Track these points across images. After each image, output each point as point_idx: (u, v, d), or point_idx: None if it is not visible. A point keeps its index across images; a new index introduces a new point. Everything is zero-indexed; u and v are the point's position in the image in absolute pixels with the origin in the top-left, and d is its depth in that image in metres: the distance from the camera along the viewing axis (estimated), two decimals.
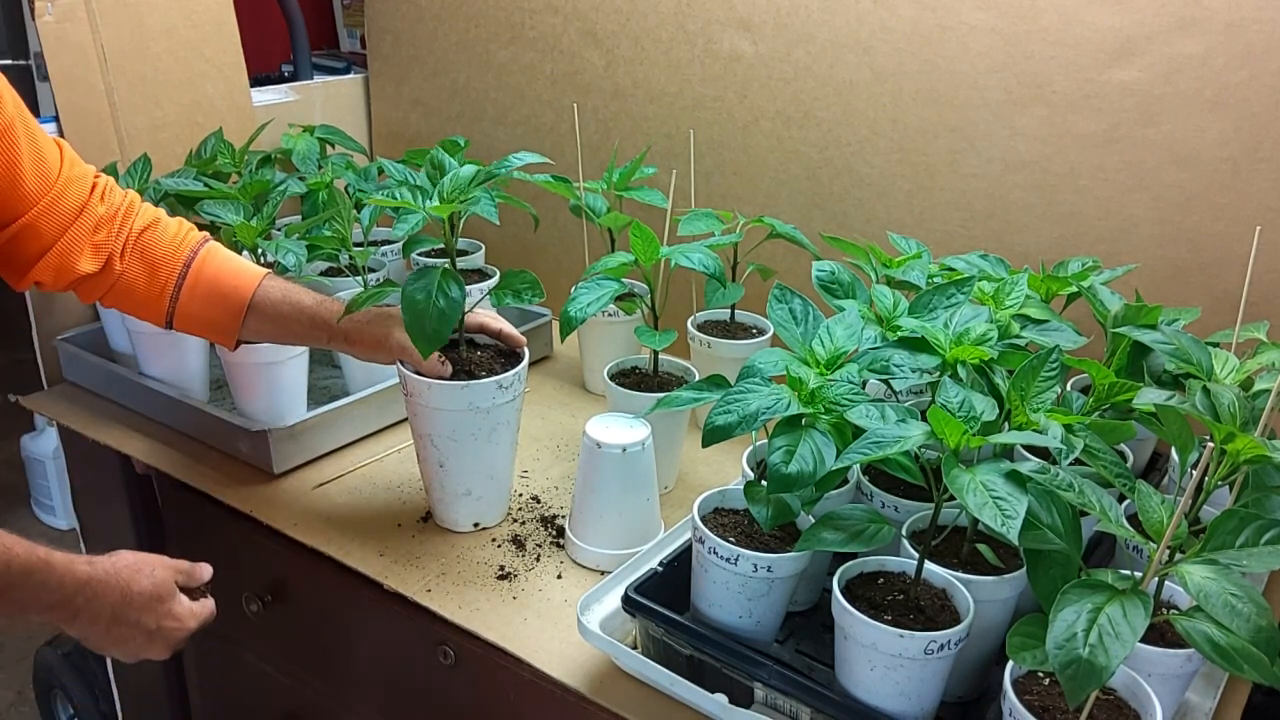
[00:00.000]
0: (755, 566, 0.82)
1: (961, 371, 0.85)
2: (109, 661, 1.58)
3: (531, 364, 1.47)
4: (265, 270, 1.08)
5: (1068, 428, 0.80)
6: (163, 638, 0.92)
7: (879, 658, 0.75)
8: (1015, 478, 0.72)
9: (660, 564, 0.91)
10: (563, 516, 1.12)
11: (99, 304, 1.14)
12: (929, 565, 0.81)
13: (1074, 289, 1.06)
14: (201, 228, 1.29)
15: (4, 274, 1.02)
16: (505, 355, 1.08)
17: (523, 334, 1.09)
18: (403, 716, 1.10)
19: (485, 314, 1.10)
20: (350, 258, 1.24)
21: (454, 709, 1.03)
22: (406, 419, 1.10)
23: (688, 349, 1.28)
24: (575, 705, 0.89)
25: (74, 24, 1.38)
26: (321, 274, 1.42)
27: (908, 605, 0.79)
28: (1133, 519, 0.87)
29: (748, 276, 1.24)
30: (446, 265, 1.00)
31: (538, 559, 1.05)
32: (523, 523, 1.11)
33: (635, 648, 0.89)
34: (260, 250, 1.24)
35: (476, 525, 1.09)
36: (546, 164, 1.09)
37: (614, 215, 1.25)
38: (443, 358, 1.02)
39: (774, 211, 1.39)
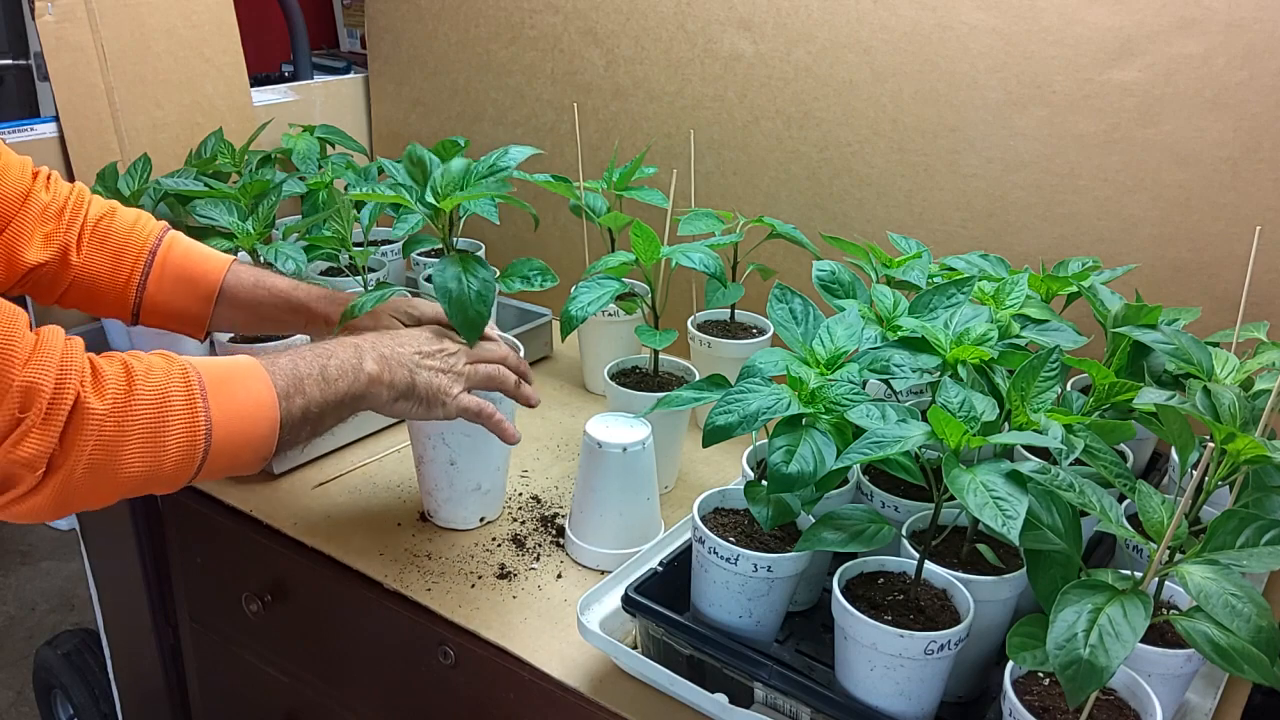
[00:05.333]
0: (755, 566, 0.82)
1: (962, 371, 0.85)
2: (109, 661, 1.58)
3: (531, 364, 1.47)
4: (232, 256, 1.05)
5: (1068, 428, 0.80)
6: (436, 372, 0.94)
7: (879, 658, 0.75)
8: (1015, 478, 0.72)
9: (660, 564, 0.91)
10: (563, 516, 1.12)
11: (58, 307, 1.06)
12: (929, 565, 0.81)
13: (1074, 289, 1.06)
14: (194, 231, 1.28)
15: None
16: None
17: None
18: (403, 716, 1.10)
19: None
20: (350, 258, 1.24)
21: (454, 709, 1.03)
22: (404, 419, 1.09)
23: (688, 349, 1.28)
24: (575, 705, 0.89)
25: (74, 24, 1.38)
26: (321, 274, 1.42)
27: (908, 605, 0.79)
28: (1133, 519, 0.87)
29: (748, 276, 1.24)
30: (458, 254, 1.00)
31: (538, 559, 1.05)
32: (523, 522, 1.11)
33: (635, 648, 0.89)
34: (259, 256, 1.24)
35: (483, 520, 1.09)
36: (541, 154, 1.08)
37: (614, 215, 1.25)
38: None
39: (774, 211, 1.39)
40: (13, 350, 0.68)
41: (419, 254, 1.50)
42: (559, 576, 1.02)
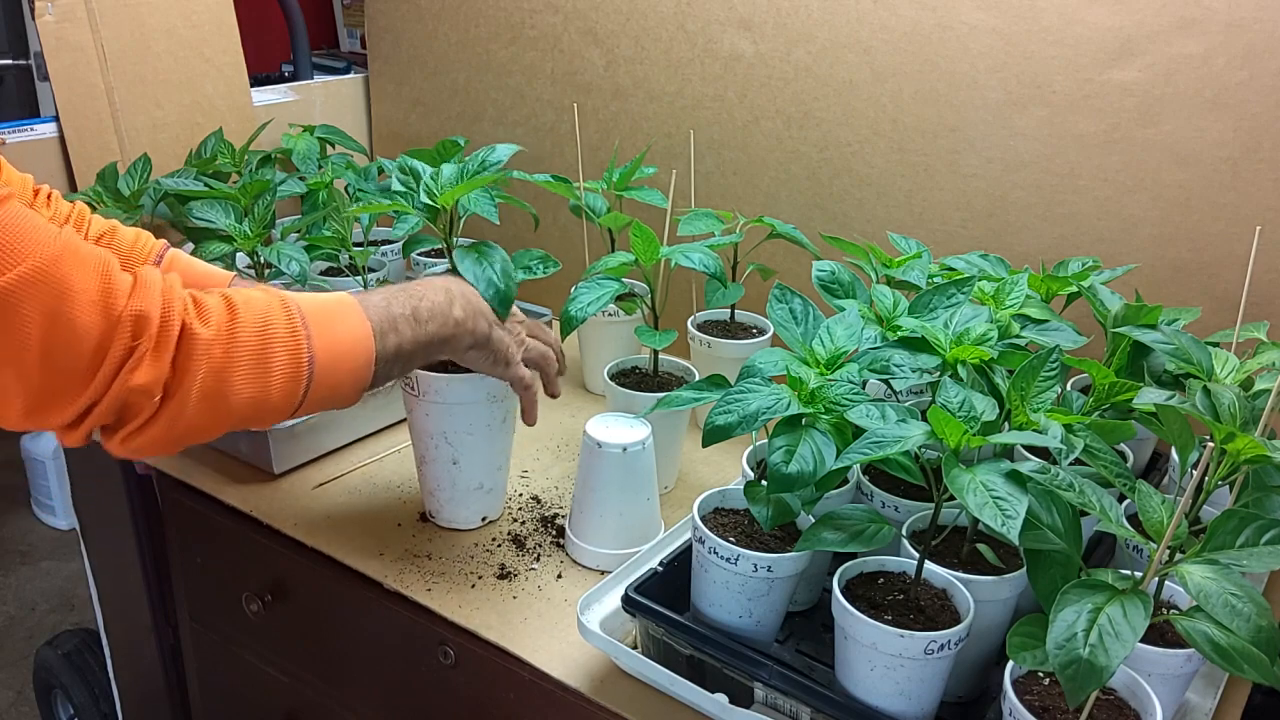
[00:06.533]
0: (755, 566, 0.82)
1: (961, 371, 0.85)
2: (109, 661, 1.58)
3: None
4: (232, 273, 1.06)
5: (1068, 428, 0.80)
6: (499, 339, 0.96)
7: (879, 658, 0.75)
8: (1015, 478, 0.72)
9: (660, 564, 0.91)
10: (563, 516, 1.12)
11: None
12: (929, 565, 0.81)
13: (1074, 289, 1.06)
14: (192, 233, 1.27)
15: None
16: None
17: None
18: (403, 716, 1.10)
19: None
20: (350, 258, 1.24)
21: (454, 709, 1.03)
22: (405, 419, 1.09)
23: (688, 349, 1.28)
24: (575, 705, 0.89)
25: (74, 24, 1.38)
26: (321, 274, 1.42)
27: (908, 605, 0.79)
28: (1133, 519, 0.87)
29: (748, 276, 1.24)
30: (467, 244, 1.01)
31: (538, 559, 1.05)
32: (523, 523, 1.11)
33: (635, 648, 0.89)
34: (259, 258, 1.24)
35: (485, 519, 1.09)
36: (539, 154, 1.09)
37: (614, 215, 1.25)
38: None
39: (774, 211, 1.39)
40: (115, 285, 0.70)
41: (419, 254, 1.50)
42: (559, 576, 1.02)
